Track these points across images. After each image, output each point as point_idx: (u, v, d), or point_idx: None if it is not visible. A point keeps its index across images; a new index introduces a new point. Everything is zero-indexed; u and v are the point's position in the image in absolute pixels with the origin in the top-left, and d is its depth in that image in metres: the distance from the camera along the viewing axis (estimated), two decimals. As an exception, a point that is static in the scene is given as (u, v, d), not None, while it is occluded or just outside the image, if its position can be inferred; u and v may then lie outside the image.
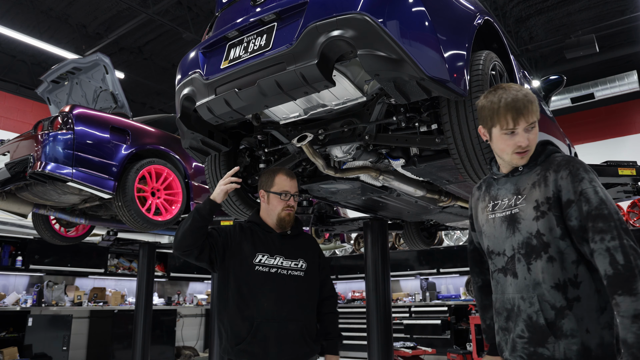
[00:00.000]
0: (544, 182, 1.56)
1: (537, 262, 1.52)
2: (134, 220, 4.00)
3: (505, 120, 1.59)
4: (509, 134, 1.61)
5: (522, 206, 1.59)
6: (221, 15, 2.76)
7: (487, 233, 1.72)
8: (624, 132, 9.90)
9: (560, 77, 4.66)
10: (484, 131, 1.70)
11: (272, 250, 2.26)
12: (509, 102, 1.59)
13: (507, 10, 8.34)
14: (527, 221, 1.56)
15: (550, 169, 1.57)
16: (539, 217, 1.54)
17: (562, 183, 1.52)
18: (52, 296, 7.91)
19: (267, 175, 2.36)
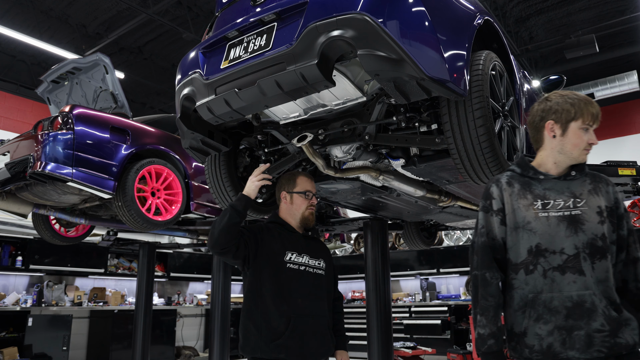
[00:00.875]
0: (599, 192, 1.76)
1: (602, 262, 1.68)
2: (134, 220, 4.00)
3: (588, 116, 1.76)
4: (584, 131, 1.77)
5: (584, 209, 1.73)
6: (221, 15, 2.76)
7: (537, 230, 1.74)
8: (624, 132, 9.90)
9: (560, 77, 4.65)
10: (556, 126, 1.80)
11: (299, 249, 2.37)
12: (591, 102, 1.79)
13: (507, 10, 8.33)
14: (591, 223, 1.71)
15: (600, 182, 1.79)
16: (603, 221, 1.72)
17: (617, 197, 1.77)
18: (52, 296, 7.91)
19: (288, 178, 2.49)
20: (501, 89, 2.43)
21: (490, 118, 2.18)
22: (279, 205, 2.49)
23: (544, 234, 1.73)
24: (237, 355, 9.74)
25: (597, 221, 1.71)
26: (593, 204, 1.73)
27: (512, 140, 2.52)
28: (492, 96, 2.28)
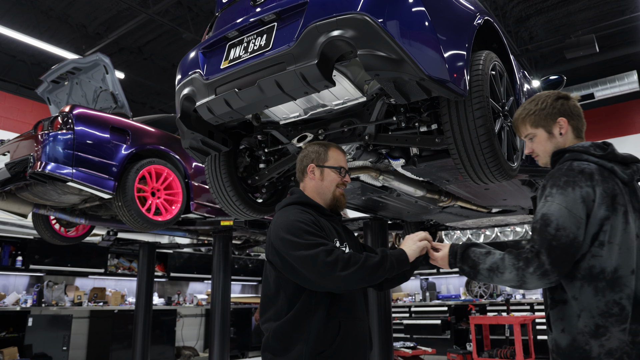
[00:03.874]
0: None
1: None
2: (134, 220, 4.00)
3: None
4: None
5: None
6: (221, 15, 2.76)
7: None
8: (624, 132, 9.90)
9: (560, 77, 4.65)
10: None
11: (340, 238, 1.92)
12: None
13: (507, 10, 8.33)
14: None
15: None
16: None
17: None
18: (52, 296, 7.91)
19: (318, 148, 2.02)
20: (501, 89, 2.43)
21: (490, 118, 2.18)
22: (302, 181, 2.02)
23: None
24: (237, 355, 9.74)
25: None
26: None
27: (512, 140, 2.52)
28: (492, 96, 2.28)
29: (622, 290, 1.46)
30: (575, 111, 1.71)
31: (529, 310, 8.58)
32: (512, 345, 7.37)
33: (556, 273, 1.46)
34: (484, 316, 8.52)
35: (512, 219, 5.22)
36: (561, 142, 1.70)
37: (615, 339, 1.44)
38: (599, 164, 1.57)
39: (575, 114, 1.71)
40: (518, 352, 6.89)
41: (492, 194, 3.56)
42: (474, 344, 7.78)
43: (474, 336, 7.88)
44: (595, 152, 1.59)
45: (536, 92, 3.97)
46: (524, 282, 1.50)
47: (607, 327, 1.45)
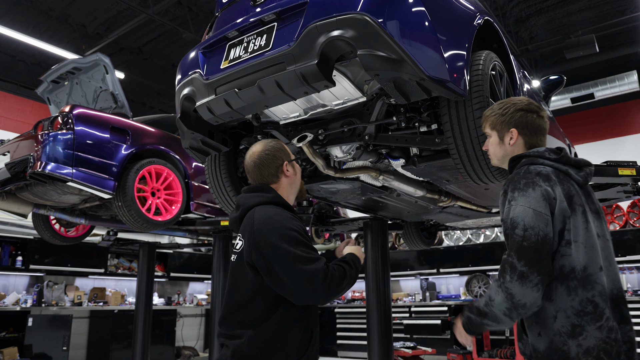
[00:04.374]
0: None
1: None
2: (134, 220, 4.00)
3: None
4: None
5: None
6: (221, 15, 2.76)
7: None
8: (624, 132, 9.89)
9: (560, 77, 4.66)
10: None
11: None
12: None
13: (507, 10, 8.33)
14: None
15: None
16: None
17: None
18: (52, 296, 7.91)
19: (277, 145, 1.96)
20: (501, 89, 2.43)
21: (490, 118, 2.18)
22: (276, 182, 1.93)
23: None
24: (237, 355, 9.74)
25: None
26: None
27: (512, 140, 2.52)
28: (492, 96, 2.28)
29: (594, 287, 1.49)
30: (532, 127, 1.73)
31: (529, 310, 8.57)
32: (512, 345, 7.37)
33: (536, 273, 1.46)
34: (484, 316, 8.49)
35: (512, 219, 5.21)
36: (509, 151, 1.76)
37: (592, 337, 1.46)
38: (554, 167, 1.63)
39: (531, 129, 1.73)
40: (518, 352, 6.88)
41: (492, 194, 3.56)
42: (474, 344, 7.77)
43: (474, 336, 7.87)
44: (550, 156, 1.65)
45: (536, 92, 3.97)
46: (512, 295, 1.47)
47: (584, 326, 1.47)
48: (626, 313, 1.53)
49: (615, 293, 1.53)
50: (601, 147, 9.73)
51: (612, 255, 1.61)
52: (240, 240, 1.81)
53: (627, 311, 1.53)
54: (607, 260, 1.56)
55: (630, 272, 8.58)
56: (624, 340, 1.48)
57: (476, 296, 9.49)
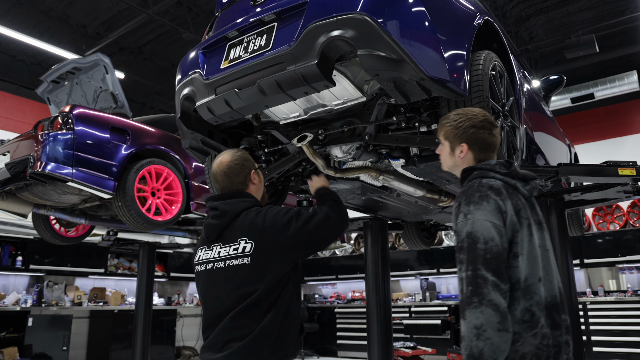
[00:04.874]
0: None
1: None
2: (134, 220, 4.00)
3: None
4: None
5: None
6: (221, 15, 2.76)
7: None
8: (624, 132, 9.88)
9: (560, 77, 4.66)
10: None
11: None
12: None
13: (507, 10, 8.33)
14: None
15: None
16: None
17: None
18: (52, 296, 7.91)
19: (244, 155, 2.08)
20: (501, 89, 2.44)
21: (490, 118, 2.18)
22: (247, 189, 2.04)
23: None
24: (237, 355, 9.74)
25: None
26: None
27: (512, 140, 2.52)
28: (492, 96, 2.28)
29: (532, 297, 1.56)
30: (483, 144, 1.76)
31: (529, 310, 8.57)
32: (512, 345, 7.35)
33: (504, 282, 1.52)
34: (484, 316, 8.49)
35: (512, 219, 5.21)
36: (458, 163, 1.80)
37: (528, 343, 1.52)
38: (504, 180, 1.68)
39: (481, 146, 1.76)
40: (518, 352, 6.87)
41: (492, 194, 3.55)
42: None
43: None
44: (500, 170, 1.70)
45: (536, 92, 3.97)
46: (497, 306, 1.48)
47: (521, 333, 1.53)
48: (557, 319, 1.60)
49: (549, 301, 1.60)
50: (601, 147, 9.72)
51: (551, 264, 1.67)
52: (234, 244, 1.87)
53: (558, 317, 1.60)
54: (545, 269, 1.63)
55: (630, 272, 8.58)
56: (553, 344, 1.55)
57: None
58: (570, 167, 3.10)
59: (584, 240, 8.68)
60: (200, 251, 2.00)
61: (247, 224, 1.88)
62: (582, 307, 7.99)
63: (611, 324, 7.80)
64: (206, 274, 1.92)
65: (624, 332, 7.65)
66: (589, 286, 8.87)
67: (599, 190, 3.55)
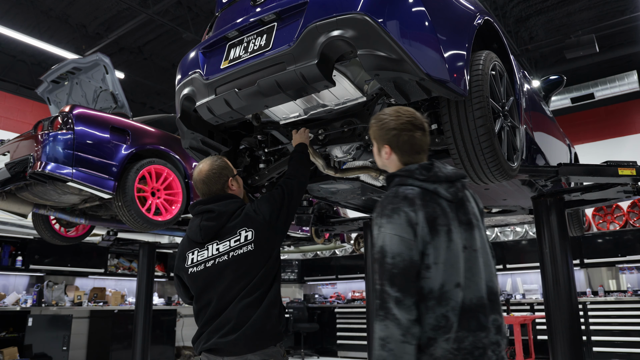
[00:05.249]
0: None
1: None
2: (134, 220, 4.00)
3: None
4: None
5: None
6: (221, 15, 2.76)
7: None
8: (624, 132, 9.89)
9: (560, 77, 4.66)
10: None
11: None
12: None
13: (507, 10, 8.33)
14: None
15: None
16: None
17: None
18: (52, 296, 7.91)
19: (223, 163, 2.24)
20: (501, 89, 2.43)
21: (490, 118, 2.18)
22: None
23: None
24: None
25: None
26: None
27: (512, 140, 2.52)
28: (492, 96, 2.28)
29: (448, 303, 1.56)
30: (405, 146, 1.74)
31: (529, 310, 8.58)
32: (512, 345, 7.37)
33: (409, 297, 1.54)
34: (484, 316, 8.50)
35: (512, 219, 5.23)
36: (386, 164, 1.81)
37: (440, 348, 1.54)
38: (422, 187, 1.66)
39: (403, 149, 1.75)
40: (518, 352, 6.89)
41: (492, 194, 3.56)
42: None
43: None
44: (419, 176, 1.67)
45: (536, 92, 3.97)
46: (398, 320, 1.51)
47: (436, 338, 1.55)
48: (484, 321, 1.59)
49: (474, 303, 1.59)
50: (601, 147, 9.72)
51: (479, 265, 1.65)
52: (234, 237, 2.05)
53: (485, 319, 1.59)
54: (469, 272, 1.62)
55: (630, 272, 8.58)
56: (475, 346, 1.55)
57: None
58: (570, 167, 3.10)
59: (584, 240, 8.68)
60: (191, 254, 2.11)
61: (242, 217, 2.07)
62: (582, 307, 7.99)
63: (611, 324, 7.81)
64: (206, 271, 2.05)
65: (624, 332, 7.66)
66: (589, 286, 8.87)
67: (599, 190, 3.55)
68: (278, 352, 2.01)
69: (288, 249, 7.77)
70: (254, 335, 1.95)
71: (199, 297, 2.07)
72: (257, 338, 1.95)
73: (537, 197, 3.69)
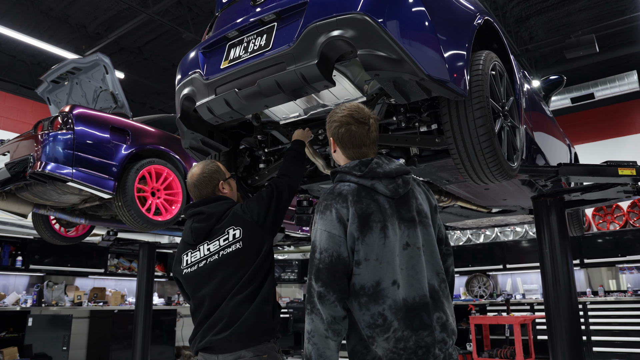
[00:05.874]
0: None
1: None
2: (134, 220, 4.00)
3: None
4: None
5: None
6: (221, 15, 2.76)
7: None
8: (624, 132, 9.89)
9: (560, 77, 4.66)
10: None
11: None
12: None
13: (507, 10, 8.33)
14: None
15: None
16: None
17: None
18: (52, 296, 7.91)
19: (214, 167, 2.29)
20: (501, 89, 2.43)
21: (490, 118, 2.18)
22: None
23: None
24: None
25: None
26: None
27: (512, 140, 2.52)
28: (492, 96, 2.28)
29: (385, 302, 1.56)
30: (345, 140, 1.77)
31: (529, 310, 8.58)
32: (512, 345, 7.37)
33: (332, 292, 1.55)
34: (484, 316, 8.51)
35: (512, 219, 5.23)
36: (335, 158, 1.85)
37: (381, 347, 1.56)
38: (359, 183, 1.67)
39: (344, 142, 1.77)
40: (518, 352, 6.89)
41: (492, 194, 3.56)
42: (474, 344, 7.78)
43: (474, 336, 7.87)
44: (356, 172, 1.69)
45: (536, 92, 3.97)
46: (321, 314, 1.54)
47: (374, 337, 1.56)
48: (426, 320, 1.58)
49: (417, 301, 1.59)
50: (601, 147, 9.72)
51: (422, 262, 1.64)
52: (222, 236, 2.09)
53: (427, 317, 1.58)
54: (413, 269, 1.61)
55: (630, 272, 8.58)
56: (418, 346, 1.54)
57: (476, 296, 9.49)
58: (570, 167, 3.10)
59: (584, 240, 8.68)
60: (186, 256, 2.16)
61: (230, 216, 2.12)
62: (582, 307, 7.99)
63: (611, 324, 7.81)
64: (199, 272, 2.10)
65: (624, 332, 7.66)
66: (589, 286, 8.87)
67: (599, 190, 3.55)
68: (272, 348, 2.04)
69: (288, 249, 7.77)
70: (247, 331, 1.98)
71: (194, 297, 2.12)
72: (249, 334, 1.99)
73: (537, 197, 3.69)
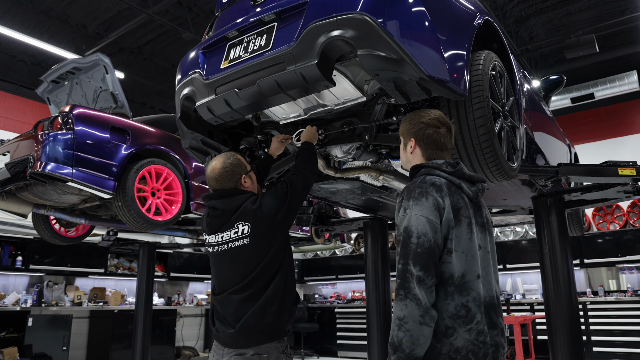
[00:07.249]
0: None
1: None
2: (134, 220, 4.00)
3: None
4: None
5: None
6: (221, 15, 2.76)
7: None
8: (624, 132, 9.88)
9: (560, 77, 4.66)
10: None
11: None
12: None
13: (507, 10, 8.33)
14: None
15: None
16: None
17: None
18: (52, 296, 7.91)
19: (236, 160, 2.28)
20: (501, 89, 2.43)
21: (490, 118, 2.18)
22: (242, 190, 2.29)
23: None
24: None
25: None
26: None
27: (512, 140, 2.52)
28: (492, 96, 2.28)
29: (469, 293, 1.60)
30: (429, 141, 1.83)
31: (529, 310, 8.58)
32: (512, 345, 7.37)
33: (430, 277, 1.55)
34: (484, 316, 8.50)
35: (512, 219, 5.22)
36: (410, 159, 1.88)
37: (462, 338, 1.56)
38: (448, 179, 1.74)
39: (427, 142, 1.83)
40: (518, 352, 6.89)
41: (492, 194, 3.56)
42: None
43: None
44: (446, 169, 1.76)
45: (536, 92, 3.97)
46: (419, 300, 1.52)
47: (455, 327, 1.57)
48: (495, 320, 1.66)
49: (487, 300, 1.65)
50: (601, 147, 9.72)
51: (491, 266, 1.72)
52: (233, 229, 2.12)
53: (496, 318, 1.67)
54: (484, 270, 1.67)
55: (630, 272, 8.58)
56: (491, 343, 1.59)
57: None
58: (570, 167, 3.10)
59: (584, 240, 8.68)
60: (206, 236, 2.24)
61: (241, 211, 2.13)
62: (582, 307, 7.99)
63: (611, 324, 7.81)
64: (215, 256, 2.18)
65: (624, 332, 7.66)
66: (589, 286, 8.87)
67: (599, 190, 3.55)
68: (275, 348, 2.06)
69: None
70: (248, 331, 2.03)
71: (214, 278, 2.22)
72: (251, 334, 2.03)
73: (537, 197, 3.69)
